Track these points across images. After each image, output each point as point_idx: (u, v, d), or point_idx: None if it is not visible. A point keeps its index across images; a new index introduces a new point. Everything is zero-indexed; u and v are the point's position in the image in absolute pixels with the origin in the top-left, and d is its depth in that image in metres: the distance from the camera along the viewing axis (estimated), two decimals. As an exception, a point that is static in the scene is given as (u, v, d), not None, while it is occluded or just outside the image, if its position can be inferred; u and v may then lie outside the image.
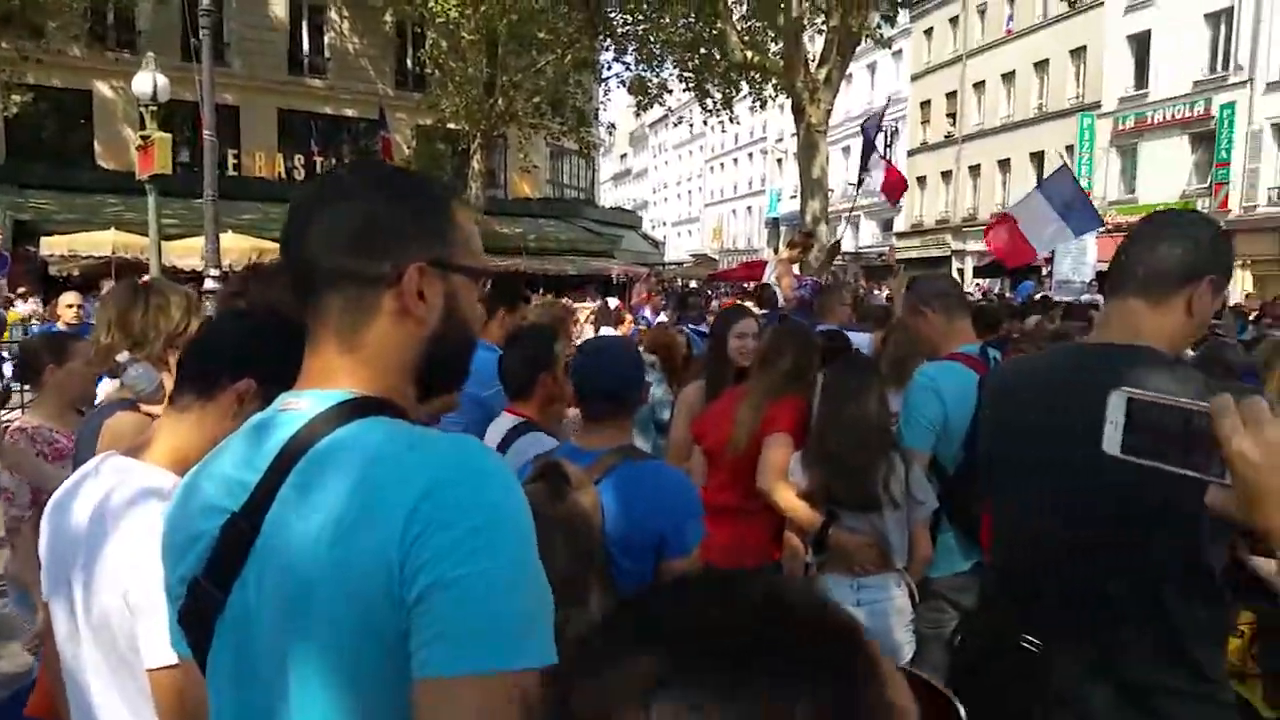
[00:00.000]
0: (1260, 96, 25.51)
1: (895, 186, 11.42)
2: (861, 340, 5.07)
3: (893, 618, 3.22)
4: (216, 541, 1.12)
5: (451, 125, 22.81)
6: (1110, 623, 1.90)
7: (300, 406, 1.14)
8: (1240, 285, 25.70)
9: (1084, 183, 30.62)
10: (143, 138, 12.43)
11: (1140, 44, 29.63)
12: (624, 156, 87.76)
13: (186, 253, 16.43)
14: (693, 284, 31.12)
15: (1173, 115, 28.28)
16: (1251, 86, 25.71)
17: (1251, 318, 13.60)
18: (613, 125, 32.42)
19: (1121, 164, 30.56)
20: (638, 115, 25.24)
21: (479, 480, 1.04)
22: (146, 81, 12.35)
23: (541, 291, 19.25)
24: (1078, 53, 32.11)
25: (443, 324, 1.19)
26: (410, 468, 1.04)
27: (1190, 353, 4.61)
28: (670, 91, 21.24)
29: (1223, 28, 26.93)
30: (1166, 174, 28.55)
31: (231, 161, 24.46)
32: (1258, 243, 25.60)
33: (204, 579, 1.14)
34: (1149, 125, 29.19)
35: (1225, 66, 26.73)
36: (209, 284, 10.98)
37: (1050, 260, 21.85)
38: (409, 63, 26.77)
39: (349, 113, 27.13)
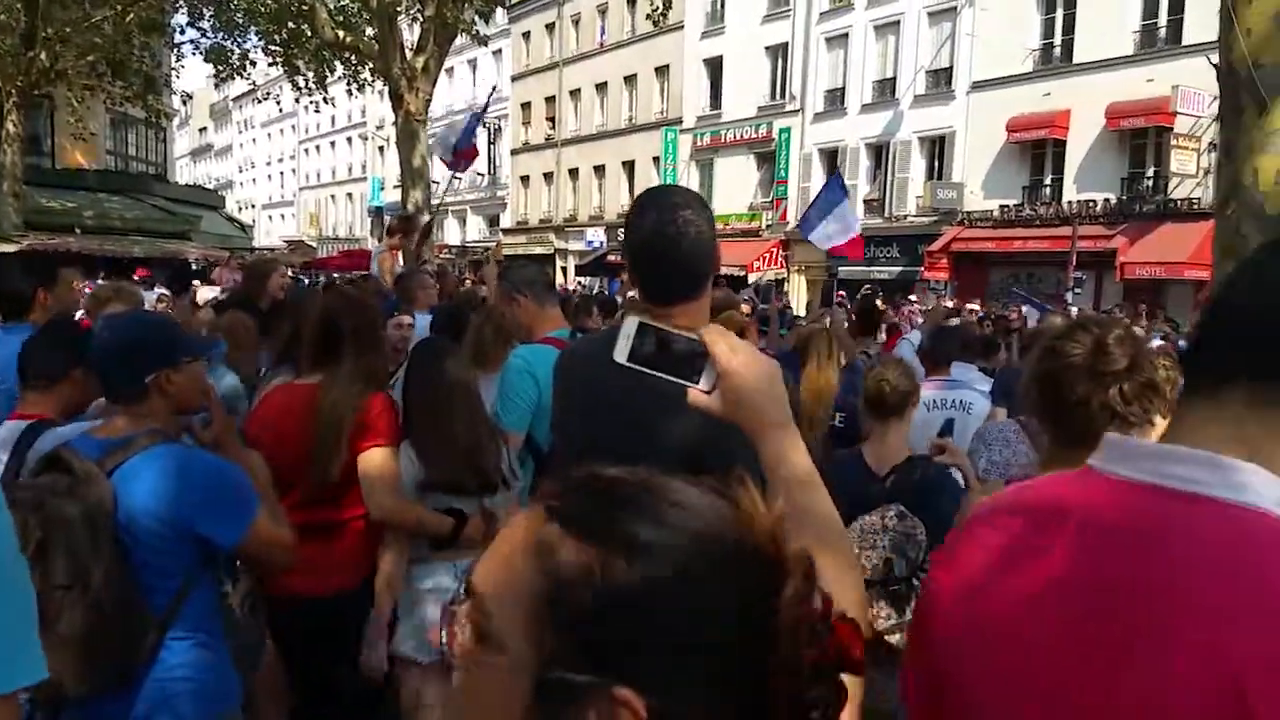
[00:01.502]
0: (810, 124, 29.26)
1: (467, 155, 11.62)
2: (422, 322, 5.14)
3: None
4: None
5: (-22, 79, 19.25)
6: None
7: None
8: (796, 289, 29.34)
9: (668, 191, 33.29)
10: None
11: (714, 68, 32.72)
12: (204, 130, 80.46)
13: None
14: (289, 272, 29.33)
15: (741, 135, 31.56)
16: (803, 115, 29.40)
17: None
18: (188, 94, 29.41)
19: (700, 177, 33.53)
20: (218, 87, 23.16)
21: None
22: None
23: (104, 275, 17.10)
24: (662, 70, 34.75)
25: None
26: None
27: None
28: (254, 64, 19.61)
29: (780, 60, 30.50)
30: (737, 188, 31.82)
31: None
32: (810, 251, 29.26)
33: None
34: (722, 143, 32.35)
35: (782, 95, 30.33)
36: None
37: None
38: (-82, 1, 22.25)
39: None
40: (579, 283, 32.91)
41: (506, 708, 0.68)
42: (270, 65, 19.78)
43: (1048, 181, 23.67)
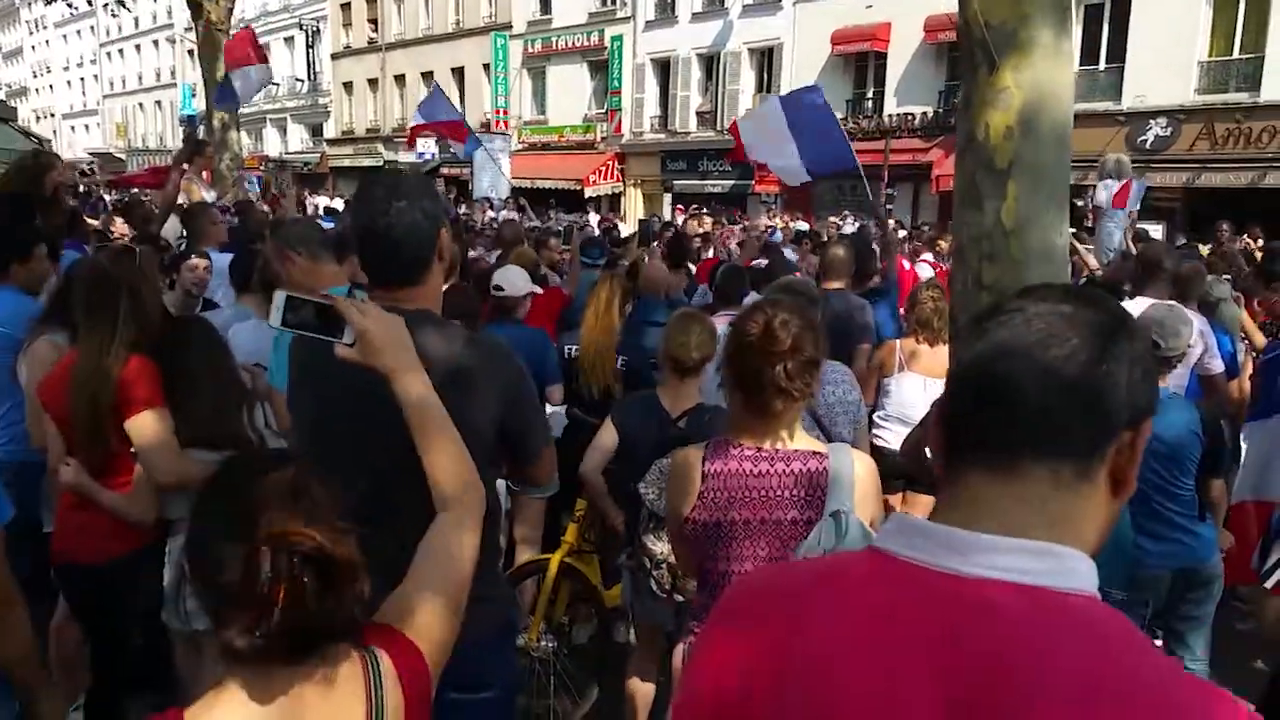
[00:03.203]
0: (642, 33, 28.92)
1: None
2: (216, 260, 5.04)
3: None
4: None
5: None
6: (400, 551, 2.06)
7: None
8: (633, 202, 29.40)
9: (500, 102, 32.44)
10: None
11: (543, -30, 31.73)
12: (-12, 31, 72.64)
13: None
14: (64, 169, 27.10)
15: (573, 43, 30.92)
16: (634, 23, 29.03)
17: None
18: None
19: (533, 85, 32.80)
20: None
21: None
22: None
23: None
24: (489, -29, 33.48)
25: None
26: None
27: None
28: (32, -39, 17.74)
29: (610, -36, 29.84)
30: (571, 98, 31.31)
31: None
32: (645, 165, 29.39)
33: None
34: (554, 50, 31.62)
35: (613, 1, 29.77)
36: None
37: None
38: None
39: None
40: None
41: None
42: (51, -38, 17.93)
43: (870, 95, 24.35)
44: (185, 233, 6.04)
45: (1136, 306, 4.36)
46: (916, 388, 4.78)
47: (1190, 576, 3.43)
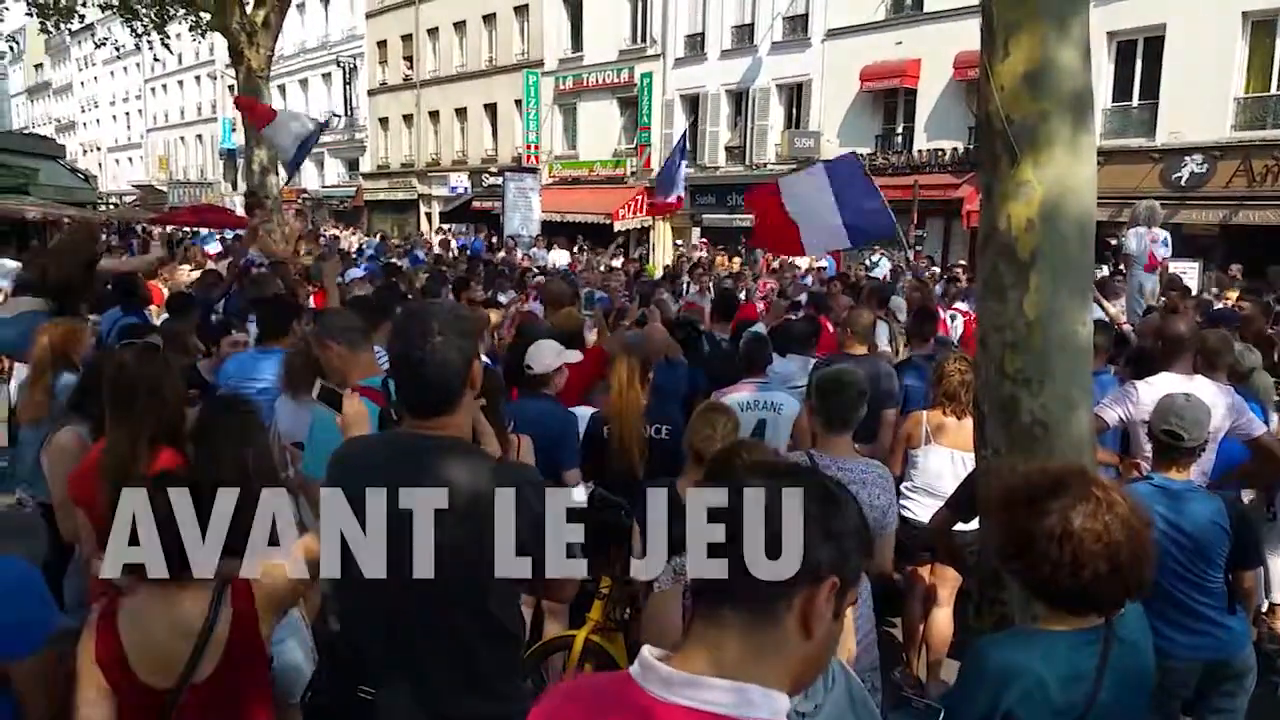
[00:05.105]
0: (671, 70, 29.15)
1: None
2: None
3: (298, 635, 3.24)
4: None
5: None
6: (426, 668, 2.12)
7: None
8: (661, 236, 29.48)
9: (532, 137, 32.73)
10: None
11: (575, 8, 32.07)
12: (40, 67, 74.42)
13: None
14: (139, 230, 27.73)
15: (603, 79, 31.21)
16: (664, 60, 29.28)
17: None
18: (15, 39, 26.83)
19: (564, 121, 33.12)
20: (45, 30, 21.26)
21: None
22: None
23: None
24: (521, 10, 33.90)
25: None
26: None
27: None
28: (85, 5, 18.05)
29: (640, 2, 30.17)
30: (601, 133, 31.57)
31: None
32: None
33: None
34: (585, 87, 31.93)
35: (644, 39, 30.08)
36: None
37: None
38: None
39: None
40: (441, 229, 32.35)
41: None
42: (104, 10, 18.38)
43: (899, 130, 24.33)
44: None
45: (1163, 382, 4.33)
46: (944, 460, 4.76)
47: (1221, 669, 3.37)
